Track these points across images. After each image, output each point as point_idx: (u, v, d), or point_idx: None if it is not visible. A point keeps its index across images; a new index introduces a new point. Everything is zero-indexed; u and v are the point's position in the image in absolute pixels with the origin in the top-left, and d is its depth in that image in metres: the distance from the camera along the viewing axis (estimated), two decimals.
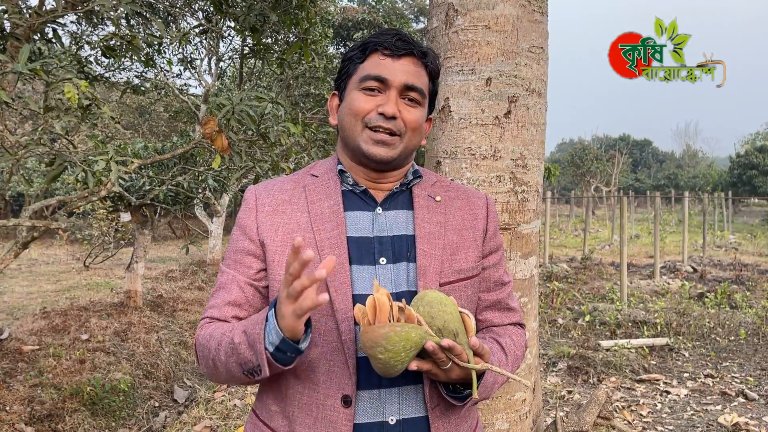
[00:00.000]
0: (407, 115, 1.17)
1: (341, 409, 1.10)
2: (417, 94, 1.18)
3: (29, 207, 3.36)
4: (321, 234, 1.16)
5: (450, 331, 1.00)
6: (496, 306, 1.30)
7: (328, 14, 11.10)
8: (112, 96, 12.65)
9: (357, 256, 1.16)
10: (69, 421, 3.83)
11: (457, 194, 1.30)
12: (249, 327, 1.05)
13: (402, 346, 0.95)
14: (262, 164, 4.30)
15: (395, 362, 0.96)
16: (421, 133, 1.23)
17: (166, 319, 6.44)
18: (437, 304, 1.01)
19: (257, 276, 1.19)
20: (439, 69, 1.26)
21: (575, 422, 3.71)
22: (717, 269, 11.73)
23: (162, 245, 15.05)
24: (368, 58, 1.19)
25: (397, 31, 1.20)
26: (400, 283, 1.16)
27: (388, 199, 1.23)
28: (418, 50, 1.19)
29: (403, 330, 0.95)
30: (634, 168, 53.94)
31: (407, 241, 1.19)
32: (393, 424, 1.12)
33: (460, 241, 1.23)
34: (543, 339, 6.35)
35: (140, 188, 6.03)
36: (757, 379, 5.20)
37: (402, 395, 1.14)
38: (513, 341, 1.25)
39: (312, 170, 1.28)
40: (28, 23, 3.14)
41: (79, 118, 3.06)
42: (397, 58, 1.17)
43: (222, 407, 4.31)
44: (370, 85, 1.17)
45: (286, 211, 1.20)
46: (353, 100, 1.18)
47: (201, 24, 5.80)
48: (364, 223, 1.19)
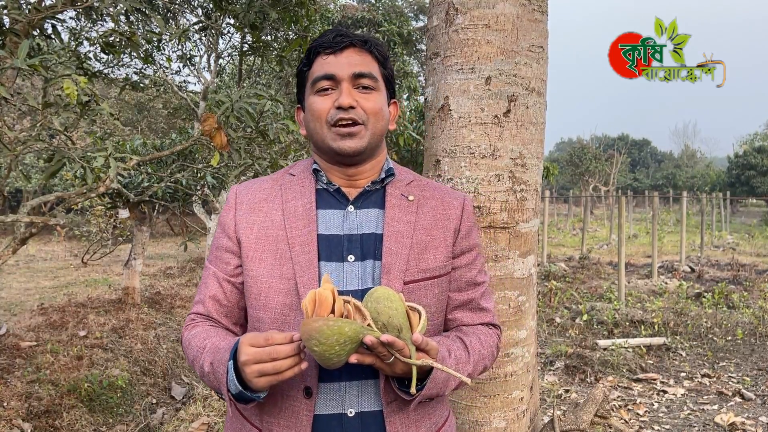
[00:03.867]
0: (364, 102, 1.20)
1: (303, 399, 1.14)
2: (368, 80, 1.21)
3: (27, 203, 3.35)
4: (292, 231, 1.20)
5: (394, 326, 1.02)
6: (466, 305, 1.31)
7: (328, 12, 11.09)
8: (111, 92, 12.63)
9: (326, 254, 1.19)
10: (66, 418, 3.83)
11: (432, 194, 1.31)
12: (216, 362, 1.10)
13: (335, 339, 0.97)
14: (261, 161, 4.30)
15: (330, 355, 0.99)
16: (385, 117, 1.25)
17: (163, 315, 6.44)
18: (384, 300, 1.03)
19: (235, 272, 1.25)
20: (385, 53, 1.28)
21: (572, 421, 3.71)
22: (714, 269, 11.75)
23: (160, 242, 15.04)
24: (314, 63, 1.23)
25: (335, 29, 1.24)
26: (366, 281, 1.18)
27: (360, 198, 1.25)
28: (358, 40, 1.22)
29: (336, 324, 0.97)
30: (632, 168, 54.01)
31: (375, 240, 1.21)
32: (352, 416, 1.15)
33: (428, 240, 1.24)
34: (541, 338, 6.36)
35: (139, 185, 6.02)
36: (753, 379, 5.21)
37: (361, 388, 1.16)
38: (480, 340, 1.26)
39: (291, 169, 1.32)
40: (27, 19, 3.13)
41: (77, 115, 3.06)
42: (339, 52, 1.20)
43: (219, 404, 4.31)
44: (322, 86, 1.20)
45: (262, 209, 1.25)
46: (311, 104, 1.22)
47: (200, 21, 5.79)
48: (334, 221, 1.22)
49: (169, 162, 5.65)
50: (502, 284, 1.90)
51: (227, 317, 1.26)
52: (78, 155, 3.14)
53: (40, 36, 3.66)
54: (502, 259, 1.88)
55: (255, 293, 1.20)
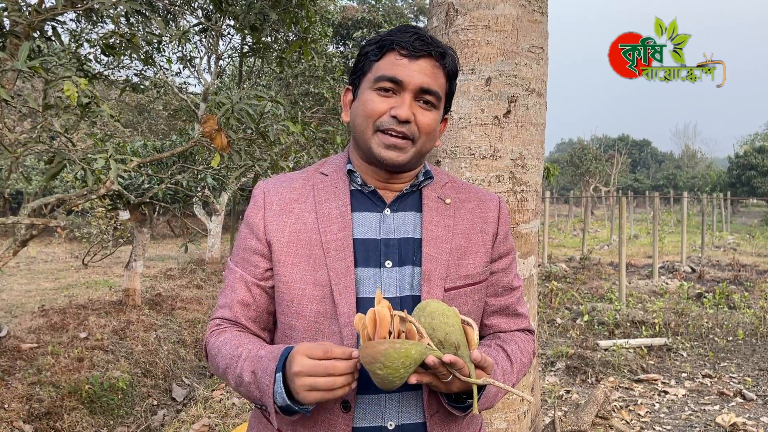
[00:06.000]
0: (422, 118, 1.13)
1: (340, 413, 1.10)
2: (433, 97, 1.14)
3: (28, 205, 3.36)
4: (327, 236, 1.14)
5: (451, 343, 0.98)
6: (504, 311, 1.27)
7: (328, 13, 11.09)
8: (112, 94, 12.64)
9: (363, 259, 1.14)
10: (67, 420, 3.83)
11: (468, 196, 1.26)
12: (259, 372, 1.04)
13: (401, 362, 0.93)
14: (262, 163, 4.30)
15: (394, 378, 0.95)
16: (435, 136, 1.19)
17: (164, 317, 6.44)
18: (439, 315, 0.99)
19: (264, 275, 1.18)
20: (457, 69, 1.20)
21: (573, 422, 3.71)
22: (715, 270, 11.74)
23: (161, 244, 15.04)
24: (384, 57, 1.15)
25: (416, 30, 1.15)
26: (404, 287, 1.13)
27: (397, 201, 1.20)
28: (437, 51, 1.14)
29: (403, 347, 0.93)
30: (633, 168, 54.01)
31: (414, 245, 1.16)
32: (392, 429, 1.11)
33: (468, 246, 1.19)
34: (541, 339, 6.35)
35: (139, 186, 6.03)
36: (755, 379, 5.21)
37: (402, 401, 1.12)
38: (520, 348, 1.23)
39: (322, 168, 1.25)
40: (27, 21, 3.14)
41: (78, 116, 3.06)
42: (415, 59, 1.12)
43: (220, 406, 4.31)
44: (385, 86, 1.12)
45: (293, 211, 1.18)
46: (367, 100, 1.15)
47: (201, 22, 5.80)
48: (371, 224, 1.17)
49: (170, 163, 5.66)
50: None
51: (256, 322, 1.20)
52: (78, 157, 3.14)
53: (41, 38, 3.67)
54: None
55: (287, 300, 1.14)
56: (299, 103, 10.83)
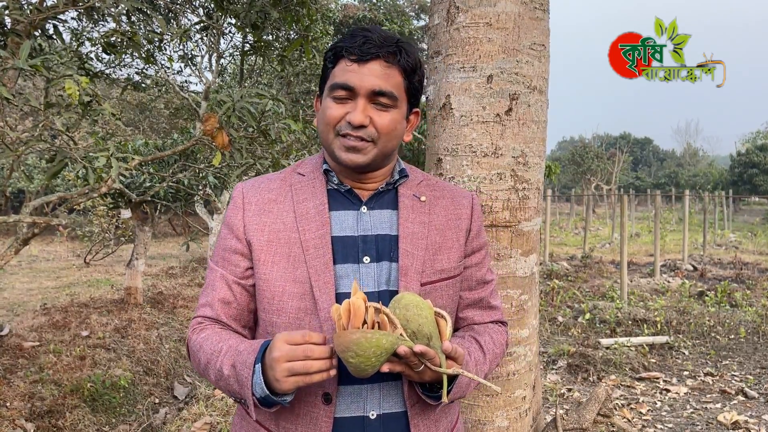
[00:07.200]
0: (378, 120, 1.15)
1: (322, 405, 1.13)
2: (386, 98, 1.15)
3: (29, 204, 3.36)
4: (306, 234, 1.18)
5: (424, 334, 1.02)
6: (477, 304, 1.32)
7: (329, 11, 11.09)
8: (113, 93, 12.64)
9: (341, 255, 1.17)
10: (69, 418, 3.84)
11: (442, 193, 1.30)
12: (238, 365, 1.07)
13: (372, 351, 0.97)
14: (263, 161, 4.30)
15: (366, 366, 0.99)
16: (397, 135, 1.20)
17: (166, 315, 6.45)
18: (413, 308, 1.03)
19: (245, 274, 1.21)
20: (416, 61, 1.20)
21: (575, 420, 3.71)
22: (717, 268, 11.72)
23: (162, 242, 15.06)
24: (338, 64, 1.17)
25: (364, 34, 1.16)
26: (381, 282, 1.17)
27: (373, 199, 1.24)
28: (386, 51, 1.15)
29: (374, 337, 0.97)
30: (634, 166, 53.97)
31: (390, 241, 1.20)
32: (374, 418, 1.15)
33: (442, 241, 1.24)
34: (543, 337, 6.35)
35: (141, 185, 6.03)
36: (756, 377, 5.20)
37: (383, 391, 1.16)
38: (493, 339, 1.27)
39: (299, 168, 1.29)
40: (28, 19, 3.14)
41: (79, 115, 3.06)
42: (364, 63, 1.14)
43: (222, 404, 4.32)
44: (338, 94, 1.15)
45: (272, 211, 1.22)
46: (325, 107, 1.18)
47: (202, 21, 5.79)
48: (348, 222, 1.21)
49: (171, 162, 5.66)
50: (504, 283, 1.90)
51: (237, 320, 1.23)
52: (80, 156, 3.14)
53: (42, 36, 3.67)
54: (504, 258, 1.88)
55: (268, 297, 1.18)
56: (300, 102, 10.83)
